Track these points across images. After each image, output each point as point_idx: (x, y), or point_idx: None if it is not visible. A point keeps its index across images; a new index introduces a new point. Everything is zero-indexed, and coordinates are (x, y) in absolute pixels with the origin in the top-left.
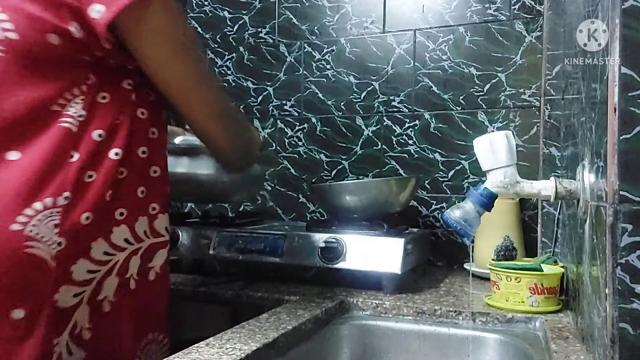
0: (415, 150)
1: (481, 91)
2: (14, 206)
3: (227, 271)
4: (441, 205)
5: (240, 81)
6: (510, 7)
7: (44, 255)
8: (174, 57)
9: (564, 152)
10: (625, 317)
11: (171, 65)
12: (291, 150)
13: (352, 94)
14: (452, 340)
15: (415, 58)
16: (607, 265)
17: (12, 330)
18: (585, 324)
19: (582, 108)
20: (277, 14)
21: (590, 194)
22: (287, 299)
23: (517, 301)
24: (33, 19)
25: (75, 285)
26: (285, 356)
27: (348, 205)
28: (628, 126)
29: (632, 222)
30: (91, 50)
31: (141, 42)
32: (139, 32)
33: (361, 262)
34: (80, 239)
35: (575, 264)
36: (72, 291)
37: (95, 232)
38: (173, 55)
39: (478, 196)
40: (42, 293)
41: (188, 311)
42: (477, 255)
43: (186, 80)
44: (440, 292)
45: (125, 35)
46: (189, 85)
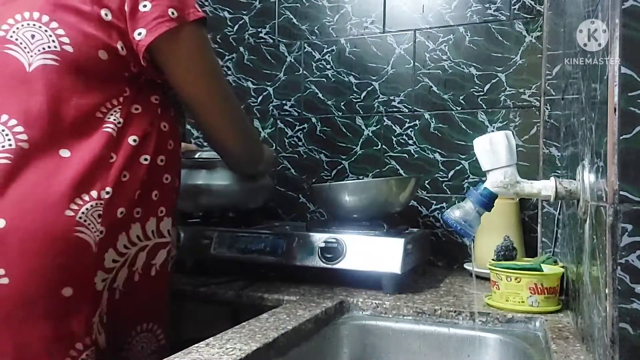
0: (415, 150)
1: (481, 91)
2: (68, 196)
3: (227, 271)
4: (441, 205)
5: (240, 81)
6: (510, 7)
7: (90, 240)
8: (200, 78)
9: (564, 152)
10: (625, 317)
11: (197, 84)
12: (291, 150)
13: (352, 94)
14: (452, 340)
15: (415, 58)
16: (607, 265)
17: (62, 307)
18: (585, 324)
19: (582, 108)
20: (277, 14)
21: (590, 194)
22: (287, 299)
23: (517, 301)
24: (87, 36)
25: (105, 272)
26: (285, 356)
27: (348, 205)
28: (628, 126)
29: (632, 222)
30: (130, 66)
31: (173, 63)
32: (173, 55)
33: (361, 262)
34: (114, 230)
35: (575, 264)
36: (102, 277)
37: (123, 226)
38: (199, 76)
39: (478, 196)
40: (87, 274)
41: (188, 311)
42: (477, 255)
43: (209, 98)
44: (440, 292)
45: (160, 56)
46: (212, 101)
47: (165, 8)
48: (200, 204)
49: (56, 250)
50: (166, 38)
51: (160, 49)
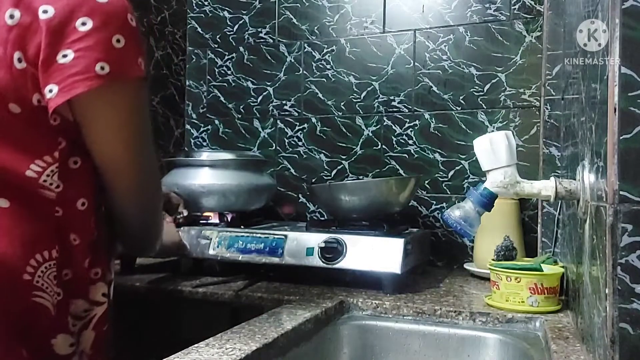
0: (415, 150)
1: (481, 91)
2: (23, 256)
3: (227, 271)
4: (441, 205)
5: (240, 81)
6: (510, 7)
7: (47, 304)
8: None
9: (564, 152)
10: (625, 317)
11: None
12: (291, 150)
13: (352, 94)
14: (452, 340)
15: (415, 58)
16: (607, 265)
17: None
18: (585, 324)
19: (582, 108)
20: (277, 14)
21: (590, 194)
22: (287, 299)
23: (517, 301)
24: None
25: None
26: (285, 356)
27: (348, 205)
28: (628, 126)
29: (632, 222)
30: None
31: (90, 124)
32: (91, 116)
33: (361, 262)
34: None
35: (575, 264)
36: (68, 341)
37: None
38: (120, 144)
39: (478, 196)
40: (42, 336)
41: (188, 311)
42: (477, 255)
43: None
44: (440, 292)
45: (76, 115)
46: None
47: (92, 62)
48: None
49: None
50: (86, 97)
51: (76, 108)
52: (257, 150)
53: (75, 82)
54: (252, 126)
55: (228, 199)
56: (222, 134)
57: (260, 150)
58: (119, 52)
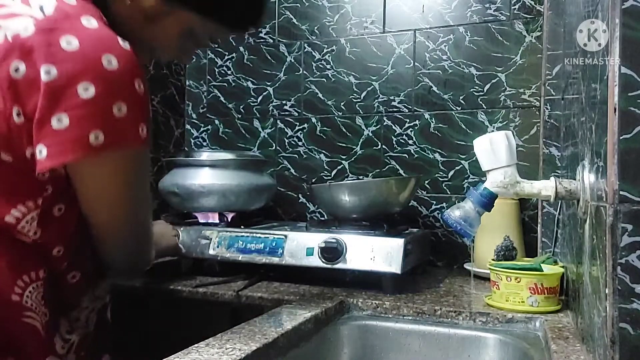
0: (415, 150)
1: (481, 91)
2: (10, 277)
3: (227, 271)
4: (441, 205)
5: (240, 81)
6: (510, 7)
7: (37, 324)
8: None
9: (564, 152)
10: (625, 317)
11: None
12: (291, 150)
13: (352, 94)
14: (452, 340)
15: (415, 58)
16: (607, 265)
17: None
18: (585, 324)
19: (582, 108)
20: (277, 14)
21: (590, 194)
22: (287, 299)
23: (517, 301)
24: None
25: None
26: (285, 356)
27: (348, 205)
28: (628, 126)
29: (632, 222)
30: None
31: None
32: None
33: (361, 262)
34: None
35: (575, 264)
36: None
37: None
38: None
39: (478, 196)
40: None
41: (188, 311)
42: (477, 255)
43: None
44: (440, 292)
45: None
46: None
47: (85, 131)
48: (200, 204)
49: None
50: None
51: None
52: (257, 150)
53: (66, 149)
54: (252, 126)
55: (228, 199)
56: (222, 134)
57: (260, 150)
58: (118, 121)
